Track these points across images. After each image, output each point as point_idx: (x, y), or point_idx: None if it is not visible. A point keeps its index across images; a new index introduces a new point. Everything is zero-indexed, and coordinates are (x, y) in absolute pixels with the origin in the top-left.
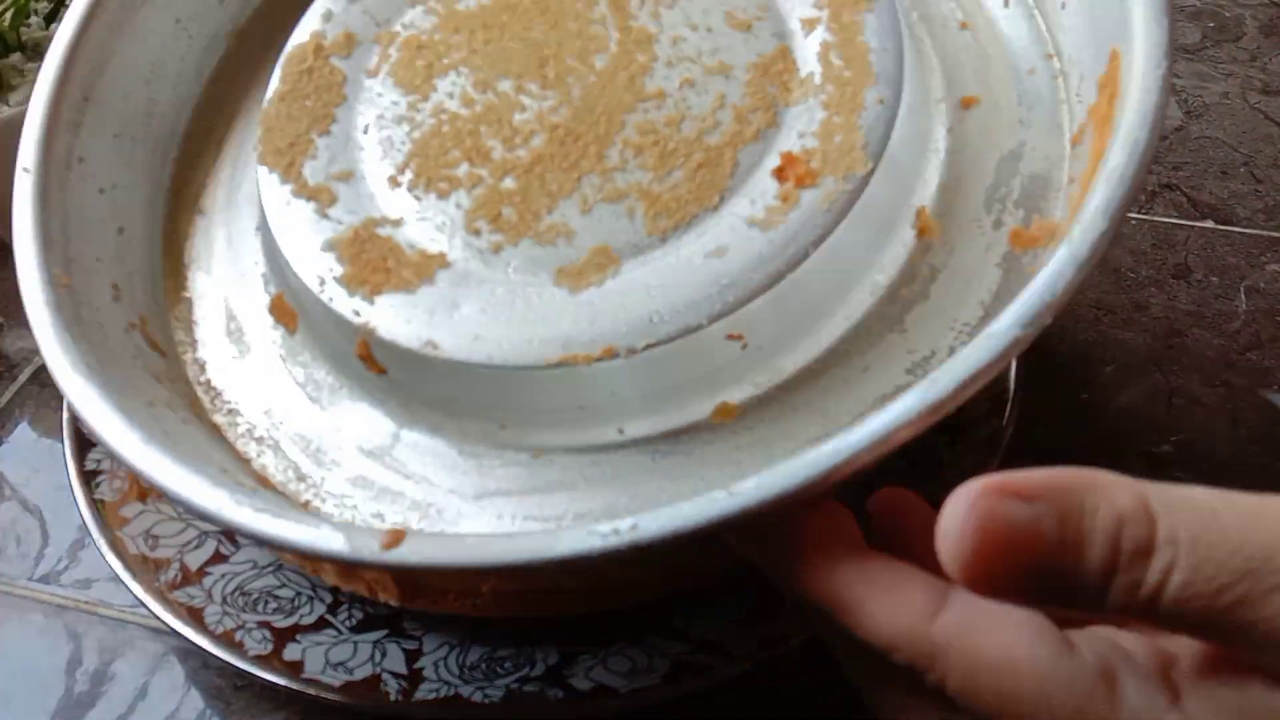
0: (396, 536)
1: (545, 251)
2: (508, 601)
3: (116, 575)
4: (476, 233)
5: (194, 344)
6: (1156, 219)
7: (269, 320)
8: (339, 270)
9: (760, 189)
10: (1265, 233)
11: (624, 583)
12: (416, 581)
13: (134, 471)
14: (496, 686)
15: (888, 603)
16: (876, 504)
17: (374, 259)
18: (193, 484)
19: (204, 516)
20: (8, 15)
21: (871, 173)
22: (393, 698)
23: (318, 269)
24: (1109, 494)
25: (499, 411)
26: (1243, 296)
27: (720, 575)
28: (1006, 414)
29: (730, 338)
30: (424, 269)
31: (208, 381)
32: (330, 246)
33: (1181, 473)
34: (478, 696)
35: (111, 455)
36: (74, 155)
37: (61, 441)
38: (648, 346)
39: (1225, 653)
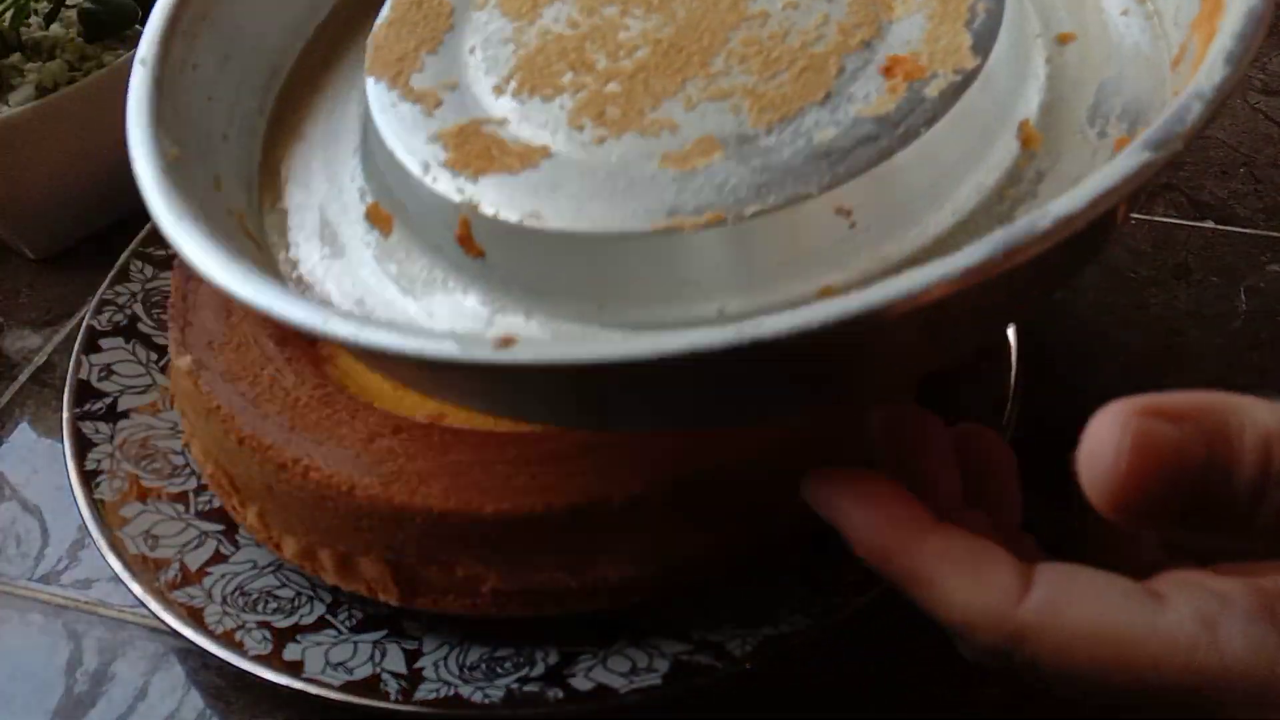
0: (509, 340)
1: (649, 142)
2: (507, 601)
3: (116, 575)
4: (580, 128)
5: (287, 245)
6: (1156, 219)
7: (364, 225)
8: (443, 156)
9: (868, 86)
10: (1265, 233)
11: (624, 582)
12: (416, 579)
13: (243, 303)
14: (497, 686)
15: (968, 582)
16: (881, 421)
17: (478, 149)
18: (300, 310)
19: (315, 334)
20: (8, 15)
21: (979, 69)
22: (393, 697)
23: (423, 156)
24: (1254, 414)
25: (598, 289)
26: (1243, 296)
27: (719, 570)
28: (1006, 414)
29: (839, 211)
30: (528, 157)
31: (299, 277)
32: (435, 139)
33: None
34: (478, 696)
35: (218, 288)
36: (189, 61)
37: (61, 441)
38: (755, 215)
39: None
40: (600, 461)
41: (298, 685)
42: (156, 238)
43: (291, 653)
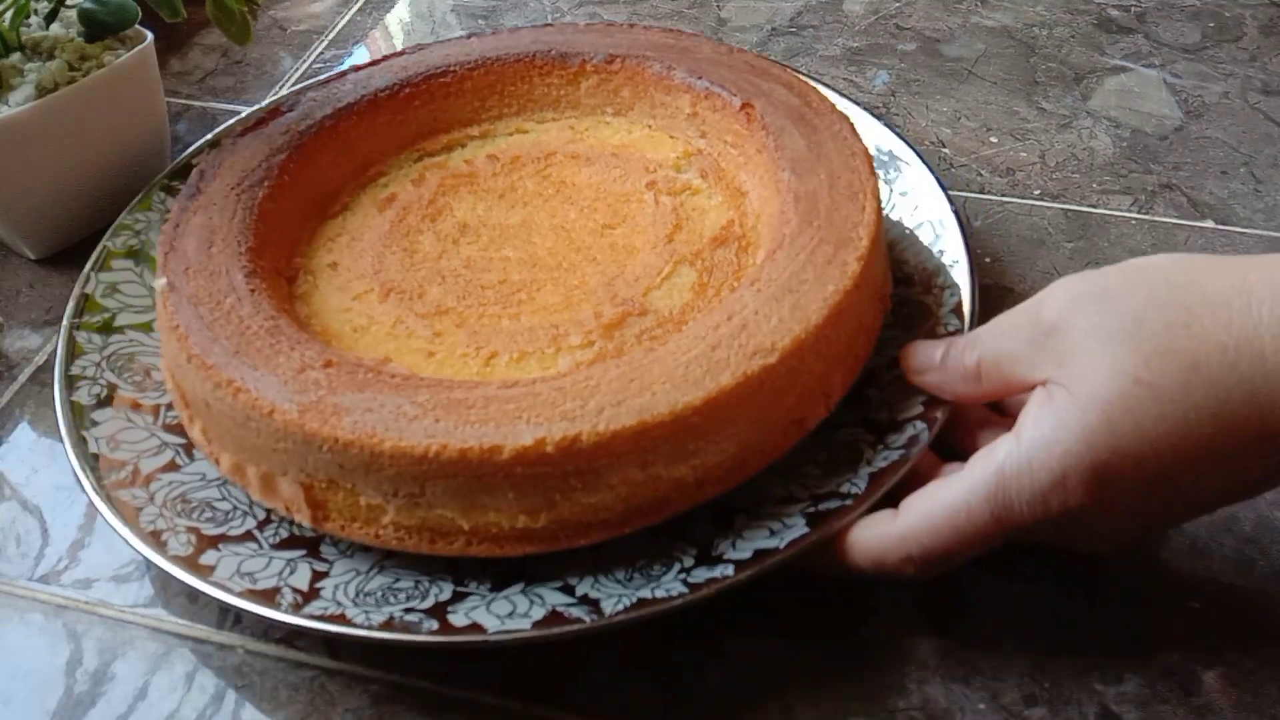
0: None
1: None
2: (407, 535)
3: (73, 471)
4: None
5: None
6: (1156, 219)
7: None
8: None
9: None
10: (1265, 233)
11: (515, 532)
12: (327, 504)
13: None
14: (381, 612)
15: (865, 534)
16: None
17: None
18: None
19: None
20: (8, 15)
21: None
22: (283, 608)
23: None
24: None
25: None
26: None
27: (613, 531)
28: (938, 420)
29: None
30: None
31: None
32: None
33: None
34: (360, 618)
35: None
36: None
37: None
38: None
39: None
40: (502, 413)
41: (200, 585)
42: (181, 173)
43: (208, 559)
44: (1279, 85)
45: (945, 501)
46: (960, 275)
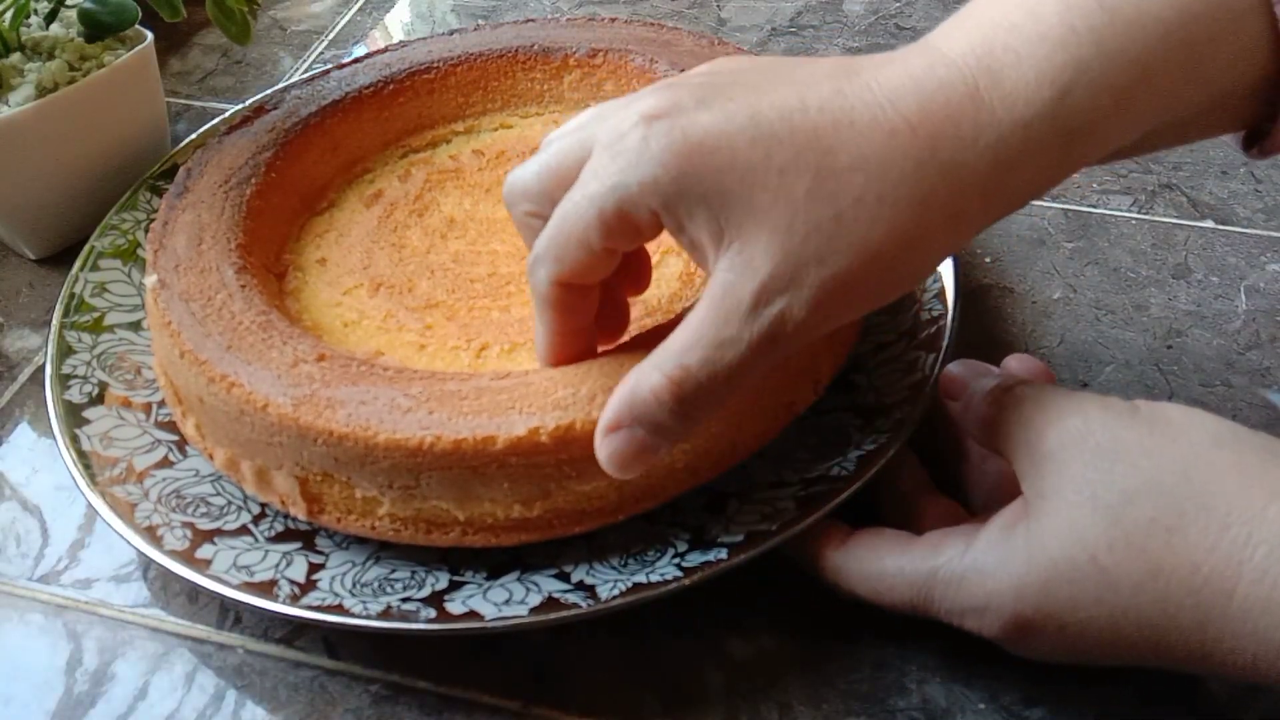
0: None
1: None
2: (403, 527)
3: (68, 469)
4: None
5: None
6: (1156, 219)
7: None
8: None
9: None
10: (1265, 233)
11: (510, 522)
12: (322, 497)
13: None
14: (378, 602)
15: (812, 543)
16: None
17: None
18: None
19: None
20: (8, 15)
21: None
22: (281, 600)
23: None
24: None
25: None
26: (1243, 296)
27: (607, 519)
28: (923, 401)
29: None
30: None
31: None
32: None
33: None
34: (357, 608)
35: None
36: None
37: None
38: None
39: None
40: (495, 404)
41: (197, 579)
42: (167, 173)
43: (204, 552)
44: None
45: (879, 565)
46: (944, 263)
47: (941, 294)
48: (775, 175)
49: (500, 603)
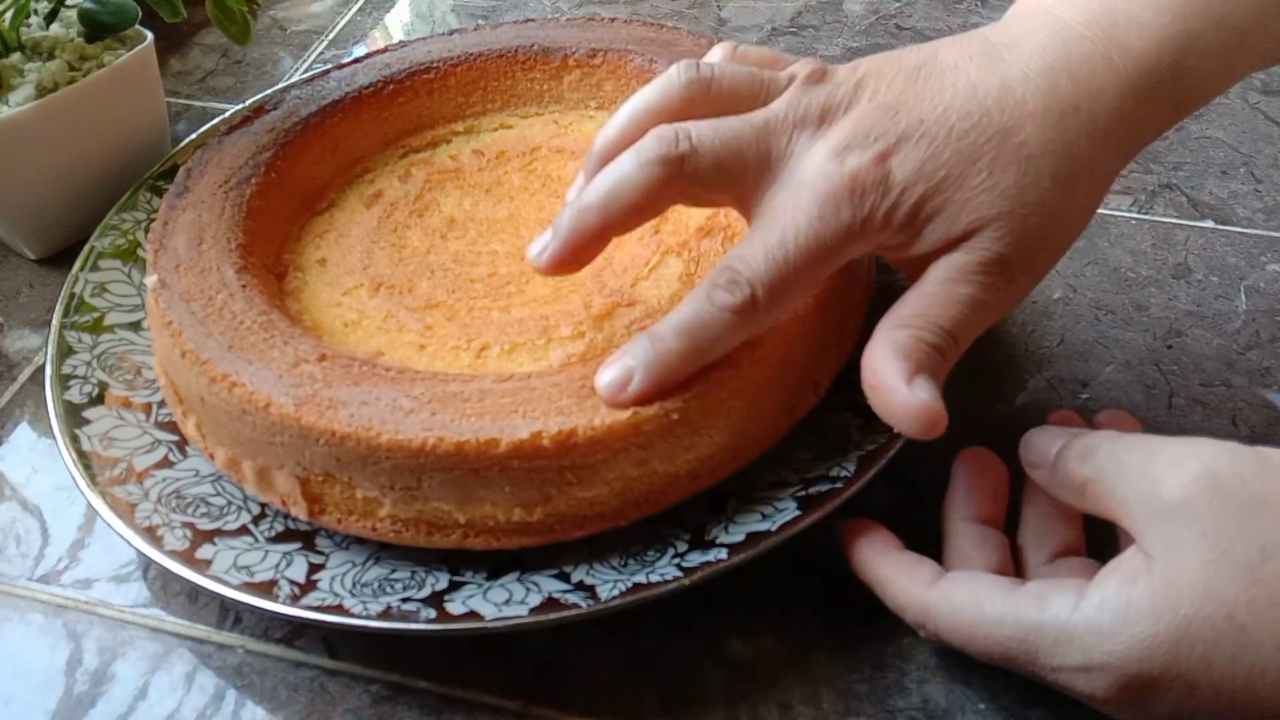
0: None
1: None
2: (404, 528)
3: (68, 469)
4: None
5: None
6: (1156, 219)
7: None
8: None
9: None
10: (1265, 233)
11: (511, 525)
12: (323, 498)
13: None
14: (379, 602)
15: (903, 579)
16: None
17: None
18: None
19: None
20: (8, 15)
21: None
22: (281, 600)
23: None
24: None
25: None
26: (1243, 296)
27: (608, 523)
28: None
29: None
30: None
31: None
32: None
33: None
34: (357, 608)
35: None
36: None
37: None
38: None
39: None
40: (498, 407)
41: (197, 579)
42: (167, 173)
43: (204, 552)
44: (1279, 85)
45: (976, 610)
46: None
47: None
48: (985, 175)
49: (500, 603)
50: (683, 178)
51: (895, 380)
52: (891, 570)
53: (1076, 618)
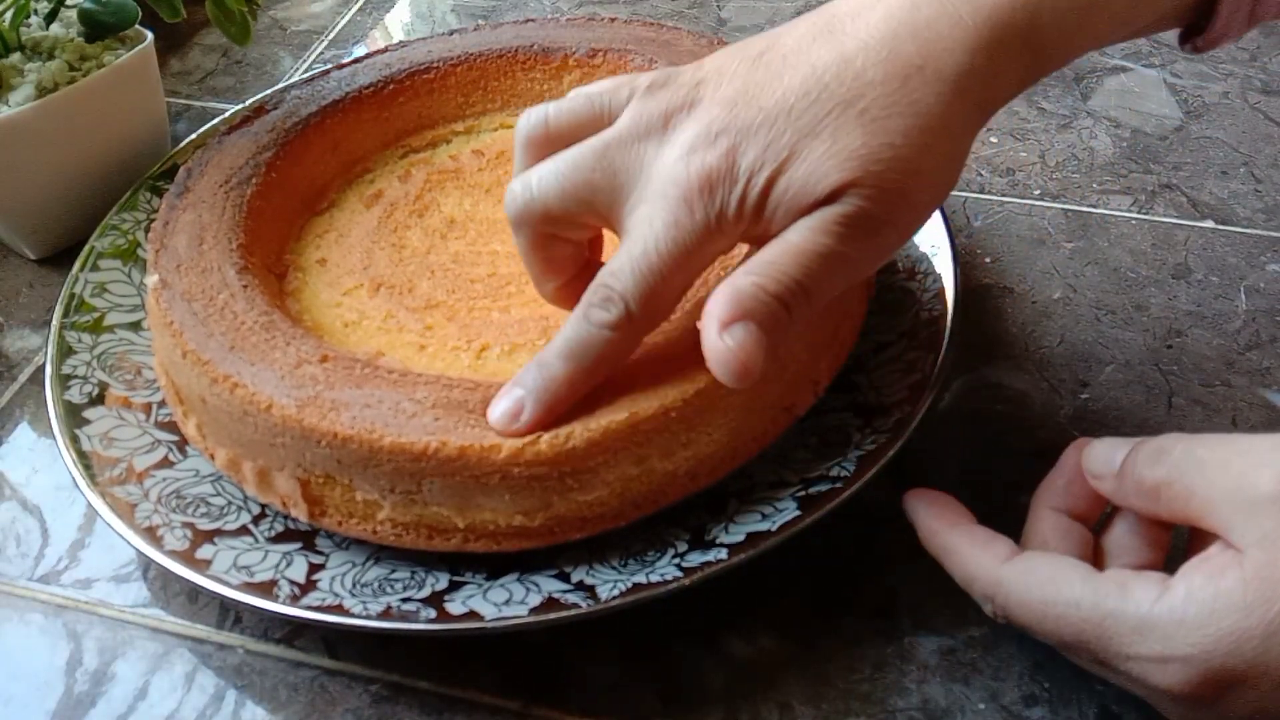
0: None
1: None
2: (404, 531)
3: (68, 469)
4: None
5: None
6: (1156, 219)
7: None
8: None
9: None
10: (1265, 233)
11: (511, 529)
12: (323, 499)
13: None
14: (379, 602)
15: (976, 551)
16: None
17: None
18: None
19: None
20: (8, 15)
21: None
22: (281, 600)
23: None
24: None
25: None
26: (1243, 296)
27: (607, 525)
28: (924, 402)
29: None
30: None
31: None
32: None
33: None
34: (357, 608)
35: None
36: None
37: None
38: None
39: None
40: None
41: (197, 579)
42: (167, 173)
43: (204, 553)
44: (1279, 85)
45: (1053, 590)
46: (942, 263)
47: (941, 294)
48: (829, 144)
49: (500, 603)
50: (536, 220)
51: (711, 324)
52: (962, 540)
53: (1159, 608)
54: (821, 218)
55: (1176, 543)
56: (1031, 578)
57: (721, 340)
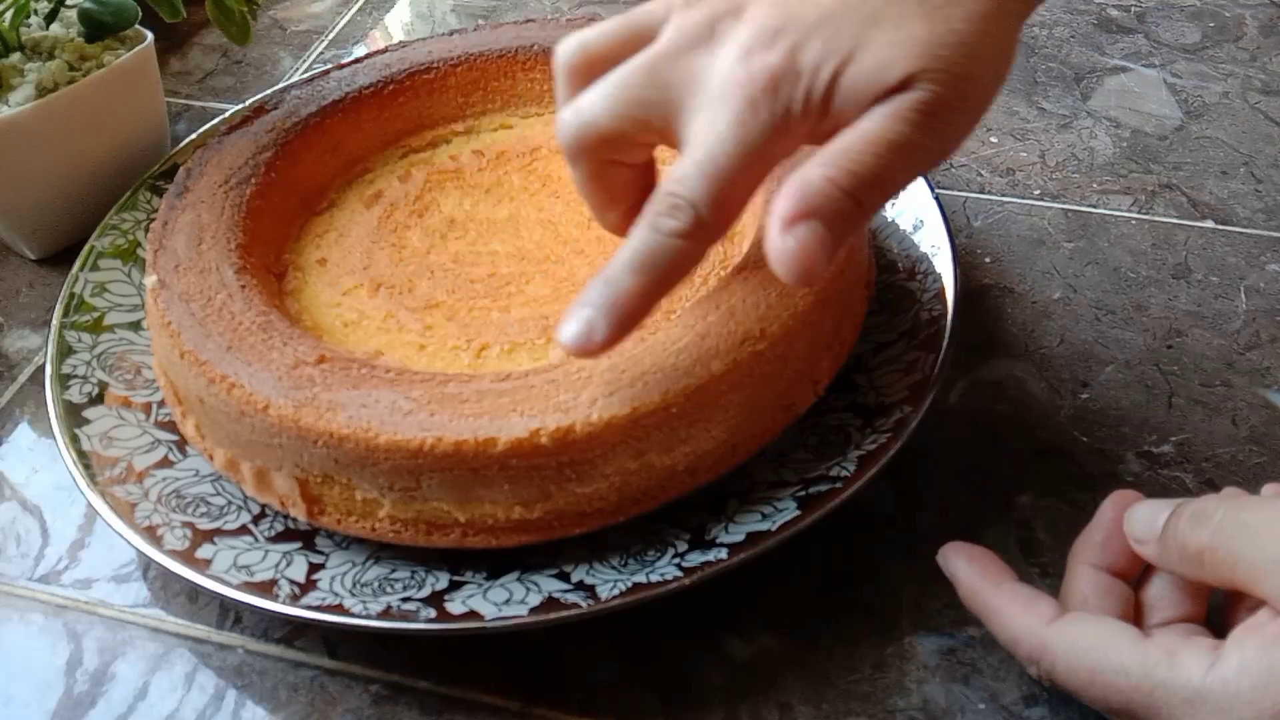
0: None
1: None
2: (403, 528)
3: (68, 469)
4: None
5: None
6: (1156, 219)
7: None
8: None
9: None
10: (1265, 233)
11: (511, 523)
12: (322, 499)
13: None
14: (379, 602)
15: (1019, 610)
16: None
17: None
18: None
19: None
20: (8, 15)
21: None
22: (281, 599)
23: None
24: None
25: None
26: (1243, 296)
27: (607, 521)
28: (924, 402)
29: None
30: None
31: None
32: None
33: (1181, 473)
34: (357, 608)
35: None
36: None
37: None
38: None
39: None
40: (496, 406)
41: (197, 579)
42: (167, 173)
43: (204, 552)
44: (1279, 85)
45: (1100, 656)
46: (942, 263)
47: (941, 294)
48: (893, 32)
49: (500, 603)
50: (592, 146)
51: (775, 222)
52: (1005, 601)
53: (1211, 680)
54: (895, 105)
55: (1216, 591)
56: (1078, 644)
57: (784, 240)
